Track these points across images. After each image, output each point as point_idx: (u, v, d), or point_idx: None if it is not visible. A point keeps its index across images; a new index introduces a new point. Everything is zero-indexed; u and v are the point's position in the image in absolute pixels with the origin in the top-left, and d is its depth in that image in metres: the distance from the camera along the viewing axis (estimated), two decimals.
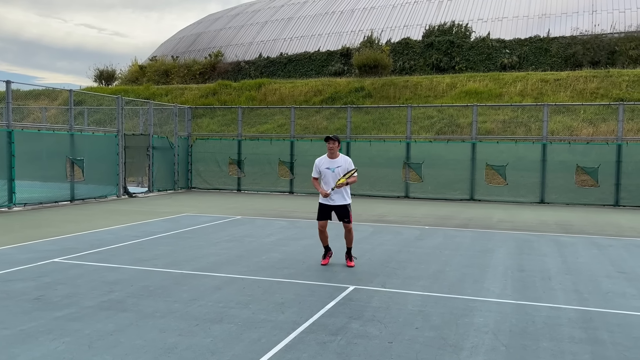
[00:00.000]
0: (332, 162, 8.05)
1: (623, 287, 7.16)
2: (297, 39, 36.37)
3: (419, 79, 27.86)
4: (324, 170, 8.05)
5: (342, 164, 8.03)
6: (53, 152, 15.90)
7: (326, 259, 8.28)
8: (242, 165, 21.17)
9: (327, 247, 8.33)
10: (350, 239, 8.19)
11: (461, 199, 18.57)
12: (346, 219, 8.08)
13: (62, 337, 4.99)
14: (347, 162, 8.09)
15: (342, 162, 8.04)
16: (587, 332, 5.37)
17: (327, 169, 8.02)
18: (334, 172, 7.98)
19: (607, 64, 27.43)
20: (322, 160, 8.15)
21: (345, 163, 8.06)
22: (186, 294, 6.51)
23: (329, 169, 8.01)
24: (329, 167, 8.02)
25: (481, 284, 7.20)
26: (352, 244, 8.25)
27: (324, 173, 8.06)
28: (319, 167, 8.12)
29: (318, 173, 8.17)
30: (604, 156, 17.62)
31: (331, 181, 7.98)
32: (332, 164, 8.03)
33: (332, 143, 8.03)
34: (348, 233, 8.16)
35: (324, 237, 8.23)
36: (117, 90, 32.92)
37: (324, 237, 8.23)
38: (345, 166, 8.03)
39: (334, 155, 8.07)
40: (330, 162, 8.05)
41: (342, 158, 8.13)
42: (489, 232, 11.67)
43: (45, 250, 8.97)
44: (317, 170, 8.17)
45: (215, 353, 4.68)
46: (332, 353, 4.72)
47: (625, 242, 10.74)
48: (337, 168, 7.98)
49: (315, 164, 8.19)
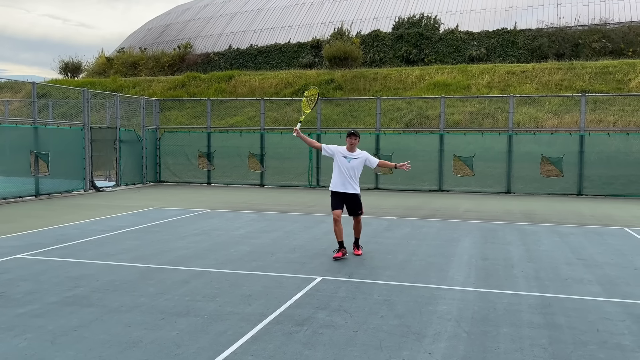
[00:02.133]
0: (351, 154, 8.23)
1: (581, 273, 7.40)
2: (267, 30, 36.17)
3: (389, 71, 28.04)
4: (340, 158, 8.17)
5: (360, 156, 8.22)
6: (16, 146, 15.52)
7: (339, 253, 8.09)
8: (212, 158, 21.03)
9: (342, 243, 8.15)
10: (359, 230, 8.44)
11: (430, 190, 18.82)
12: (359, 210, 8.28)
13: (24, 334, 4.93)
14: (366, 155, 8.31)
15: (359, 155, 8.23)
16: (546, 317, 5.55)
17: (344, 157, 8.17)
18: (349, 162, 8.14)
19: (571, 56, 28.07)
20: (341, 148, 8.29)
21: (363, 156, 8.24)
22: (152, 288, 6.48)
23: (345, 158, 8.17)
24: (346, 157, 8.18)
25: (446, 272, 7.35)
26: (360, 234, 8.49)
27: (339, 159, 8.17)
28: (335, 152, 8.23)
29: (329, 152, 8.30)
30: (567, 147, 18.07)
31: (343, 170, 8.11)
32: (349, 154, 8.21)
33: (354, 139, 8.20)
34: (357, 224, 8.38)
35: (339, 230, 8.10)
36: (83, 82, 32.25)
37: (339, 230, 8.09)
38: (364, 158, 8.22)
39: (353, 150, 8.25)
40: (348, 153, 8.22)
41: (361, 152, 8.31)
42: (455, 222, 11.88)
43: (8, 246, 8.79)
44: (330, 149, 8.30)
45: (180, 346, 4.68)
46: (298, 343, 4.77)
47: (585, 229, 11.07)
48: (354, 160, 8.17)
49: (334, 147, 8.34)
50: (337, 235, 8.14)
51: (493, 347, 4.74)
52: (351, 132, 8.24)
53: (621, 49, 27.94)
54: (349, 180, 8.13)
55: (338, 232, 8.13)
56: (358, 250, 8.41)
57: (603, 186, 17.77)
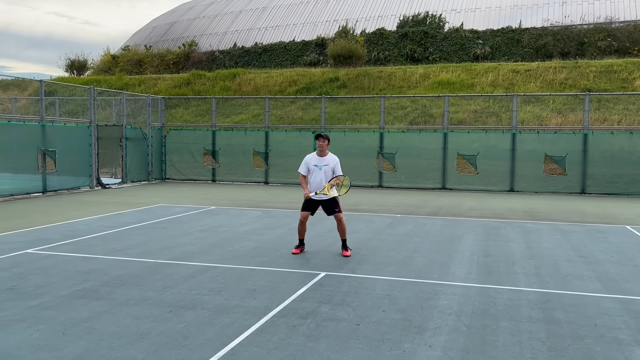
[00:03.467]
0: (321, 159, 8.17)
1: (581, 270, 7.50)
2: (272, 28, 36.28)
3: (393, 70, 28.11)
4: (312, 168, 8.16)
5: (330, 162, 8.17)
6: (24, 143, 15.71)
7: (297, 250, 8.37)
8: (217, 156, 21.18)
9: (302, 240, 8.43)
10: (343, 230, 8.25)
11: (433, 188, 18.92)
12: (336, 209, 8.15)
13: (36, 325, 5.07)
14: (335, 162, 8.22)
15: (330, 161, 8.18)
16: (545, 312, 5.66)
17: (315, 166, 8.14)
18: (321, 169, 8.10)
19: (576, 55, 28.05)
20: (311, 157, 8.25)
21: (332, 162, 8.18)
22: (160, 282, 6.62)
23: (316, 166, 8.13)
24: (317, 165, 8.14)
25: (447, 268, 7.46)
26: (345, 235, 8.32)
27: (312, 170, 8.16)
28: (308, 164, 8.21)
29: (307, 170, 8.23)
30: (571, 145, 18.12)
31: (318, 179, 8.08)
32: (320, 161, 8.16)
33: (322, 141, 8.15)
34: (339, 223, 8.21)
35: (303, 230, 8.32)
36: (89, 80, 32.45)
37: (302, 230, 8.32)
38: (332, 165, 8.15)
39: (324, 154, 8.21)
40: (319, 160, 8.17)
41: (331, 157, 8.25)
42: (458, 220, 11.98)
43: (17, 241, 8.95)
44: (305, 167, 8.24)
45: (188, 337, 4.82)
46: (302, 335, 4.90)
47: (587, 227, 11.15)
48: (325, 166, 8.11)
49: (305, 161, 8.27)
50: (300, 234, 8.36)
51: (492, 340, 4.85)
52: (319, 134, 8.16)
53: (627, 47, 27.91)
54: (322, 186, 8.08)
55: (301, 231, 8.34)
56: (346, 252, 8.25)
57: (607, 185, 17.82)
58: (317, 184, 8.11)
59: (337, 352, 4.53)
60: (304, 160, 8.30)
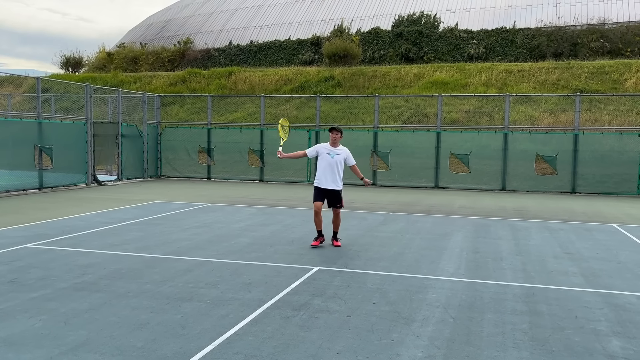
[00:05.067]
0: (333, 149, 8.75)
1: (567, 266, 7.74)
2: (267, 27, 36.42)
3: (388, 69, 28.33)
4: (324, 154, 8.68)
5: (342, 153, 8.76)
6: (20, 139, 15.83)
7: (317, 242, 8.74)
8: (212, 154, 21.35)
9: (320, 232, 8.83)
10: (337, 224, 8.90)
11: (426, 187, 19.16)
12: (338, 204, 8.75)
13: (38, 315, 5.26)
14: (347, 152, 8.83)
15: (342, 152, 8.78)
16: (529, 305, 5.89)
17: (327, 153, 8.69)
18: (333, 158, 8.66)
19: (569, 56, 28.35)
20: (325, 146, 8.83)
21: (344, 153, 8.79)
22: (157, 275, 6.81)
23: (329, 154, 8.68)
24: (329, 153, 8.69)
25: (437, 264, 7.69)
26: (338, 228, 8.95)
27: (323, 156, 8.68)
28: (319, 149, 8.77)
29: (314, 152, 8.80)
30: (562, 145, 18.40)
31: (325, 164, 8.62)
32: (332, 150, 8.73)
33: (335, 134, 8.76)
34: (336, 217, 8.83)
35: (319, 220, 8.75)
36: (84, 77, 32.50)
37: (318, 221, 8.75)
38: (344, 155, 8.76)
39: (336, 145, 8.80)
40: (331, 149, 8.74)
41: (343, 148, 8.84)
42: (449, 218, 12.22)
43: (16, 236, 9.11)
44: (315, 151, 8.80)
45: (185, 327, 5.02)
46: (295, 326, 5.11)
47: (575, 226, 11.41)
48: (337, 155, 8.70)
49: (316, 146, 8.88)
50: (317, 225, 8.78)
51: (477, 331, 5.08)
52: (333, 127, 8.80)
53: (619, 48, 28.23)
54: (332, 176, 8.64)
55: (318, 222, 8.76)
56: (337, 242, 8.82)
57: (596, 184, 18.12)
58: (323, 168, 8.65)
59: (328, 341, 4.74)
60: (315, 146, 8.93)
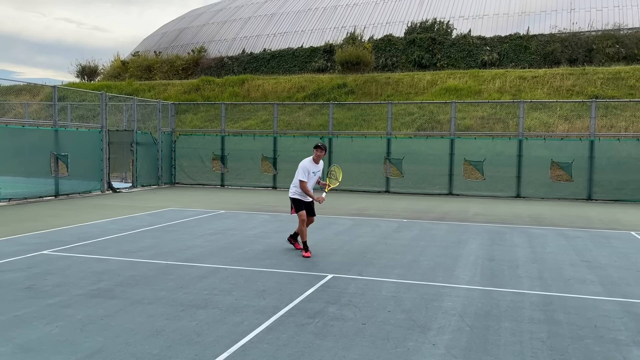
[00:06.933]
0: (316, 166, 8.93)
1: (584, 274, 7.63)
2: (280, 35, 36.59)
3: (401, 76, 28.30)
4: (310, 174, 8.83)
5: (321, 168, 9.03)
6: (37, 147, 16.02)
7: (308, 252, 8.63)
8: (226, 161, 21.43)
9: (306, 242, 8.75)
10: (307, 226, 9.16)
11: (440, 194, 19.05)
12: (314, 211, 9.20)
13: (55, 322, 5.29)
14: (322, 165, 9.11)
15: (321, 167, 9.04)
16: (546, 313, 5.81)
17: (313, 173, 8.87)
18: (315, 175, 8.88)
19: (584, 62, 28.12)
20: (309, 164, 8.85)
21: (321, 166, 9.04)
22: (172, 282, 6.82)
23: (314, 173, 8.87)
24: (314, 172, 8.88)
25: (452, 272, 7.62)
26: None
27: (309, 175, 8.82)
28: (309, 174, 8.81)
29: (307, 177, 8.83)
30: (577, 152, 18.21)
31: (312, 183, 8.86)
32: (315, 168, 8.91)
33: (321, 151, 8.86)
34: (312, 223, 9.26)
35: (305, 230, 8.80)
36: (99, 85, 32.88)
37: (305, 230, 8.77)
38: (321, 167, 9.01)
39: (318, 162, 8.97)
40: (315, 167, 8.90)
41: (321, 164, 9.10)
42: (464, 225, 12.12)
43: (32, 243, 9.20)
44: (307, 176, 8.80)
45: (200, 335, 5.02)
46: (310, 333, 5.08)
47: (592, 233, 11.26)
48: (317, 172, 8.95)
49: (306, 167, 8.79)
50: (304, 235, 8.74)
51: (494, 340, 5.01)
52: (319, 145, 8.83)
53: (635, 54, 27.94)
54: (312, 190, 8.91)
55: (305, 232, 8.77)
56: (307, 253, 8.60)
57: (613, 191, 17.89)
58: (311, 187, 8.87)
59: (343, 350, 4.71)
60: (304, 167, 8.79)
